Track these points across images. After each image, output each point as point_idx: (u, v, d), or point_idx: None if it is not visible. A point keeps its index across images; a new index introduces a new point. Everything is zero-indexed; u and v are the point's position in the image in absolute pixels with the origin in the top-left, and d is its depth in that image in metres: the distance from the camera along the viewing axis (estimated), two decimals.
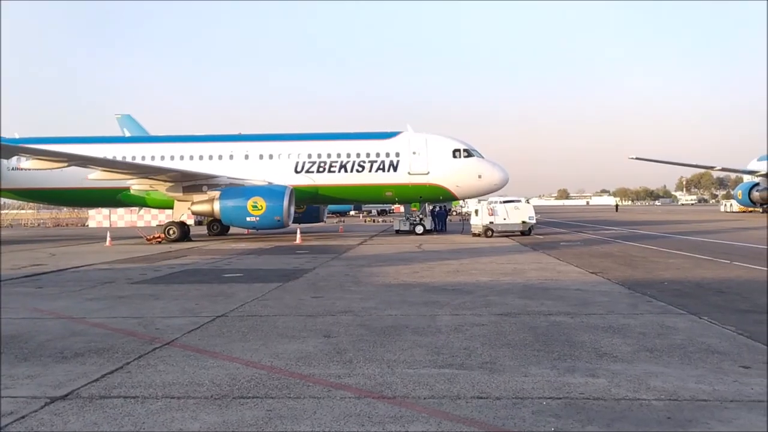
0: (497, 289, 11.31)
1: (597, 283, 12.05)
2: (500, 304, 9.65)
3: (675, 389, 5.16)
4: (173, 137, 32.96)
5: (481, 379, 5.54)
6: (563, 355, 6.37)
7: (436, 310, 9.18)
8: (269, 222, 26.84)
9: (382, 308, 9.45)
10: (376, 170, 30.07)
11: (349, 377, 5.71)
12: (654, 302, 9.67)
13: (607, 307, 9.25)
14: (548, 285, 11.85)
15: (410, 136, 30.78)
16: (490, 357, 6.35)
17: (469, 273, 14.03)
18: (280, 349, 6.84)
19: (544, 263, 16.05)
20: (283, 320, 8.60)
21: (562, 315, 8.66)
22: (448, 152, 29.97)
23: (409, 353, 6.58)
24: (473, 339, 7.21)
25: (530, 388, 5.28)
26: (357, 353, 6.60)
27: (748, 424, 4.37)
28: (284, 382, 5.59)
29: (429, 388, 5.33)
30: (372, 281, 12.87)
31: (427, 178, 29.78)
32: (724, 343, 6.80)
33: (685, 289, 10.99)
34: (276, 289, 11.74)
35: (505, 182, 30.83)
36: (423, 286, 11.99)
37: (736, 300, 9.74)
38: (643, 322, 8.10)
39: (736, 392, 5.06)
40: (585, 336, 7.29)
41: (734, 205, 67.11)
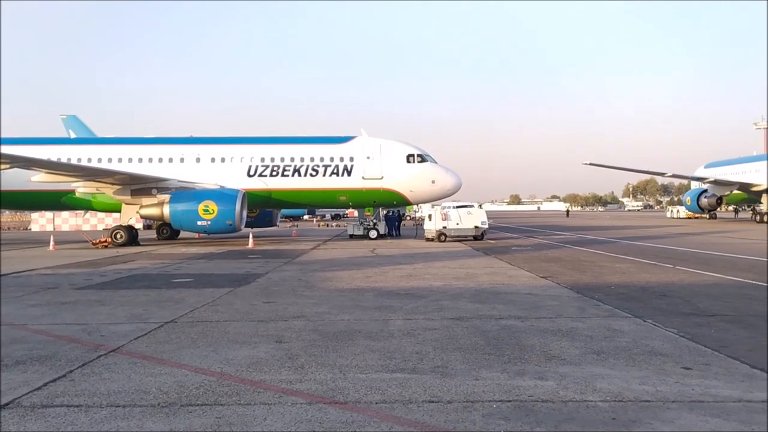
0: (450, 294, 11.40)
1: (547, 288, 12.26)
2: (452, 309, 9.73)
3: (620, 390, 5.29)
4: (121, 139, 32.24)
5: (433, 383, 5.57)
6: (513, 359, 6.45)
7: (389, 315, 9.20)
8: (221, 226, 26.45)
9: (335, 313, 9.41)
10: (330, 174, 30.03)
11: (301, 383, 5.66)
12: (601, 306, 9.90)
13: (557, 311, 9.43)
14: (500, 289, 12.00)
15: (364, 140, 30.85)
16: (441, 361, 6.39)
17: (422, 277, 14.11)
18: (230, 355, 6.73)
19: (496, 268, 16.26)
20: (234, 326, 8.47)
21: (513, 319, 8.78)
22: (402, 157, 30.16)
23: (361, 358, 6.56)
24: (425, 343, 7.24)
25: (481, 391, 5.33)
26: (309, 358, 6.56)
27: (689, 424, 4.50)
28: (234, 388, 5.51)
29: (381, 392, 5.33)
30: (325, 286, 12.81)
31: (381, 183, 29.88)
32: (667, 346, 7.01)
33: (630, 293, 11.28)
34: (227, 294, 11.57)
35: (458, 187, 31.20)
36: (376, 290, 12.00)
37: (679, 303, 10.05)
38: (591, 325, 8.27)
39: (678, 393, 5.22)
40: (535, 339, 7.40)
41: (681, 211, 69.41)
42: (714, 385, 5.41)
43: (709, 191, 53.87)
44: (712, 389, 5.30)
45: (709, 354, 6.59)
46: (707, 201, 54.01)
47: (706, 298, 10.48)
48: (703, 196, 54.44)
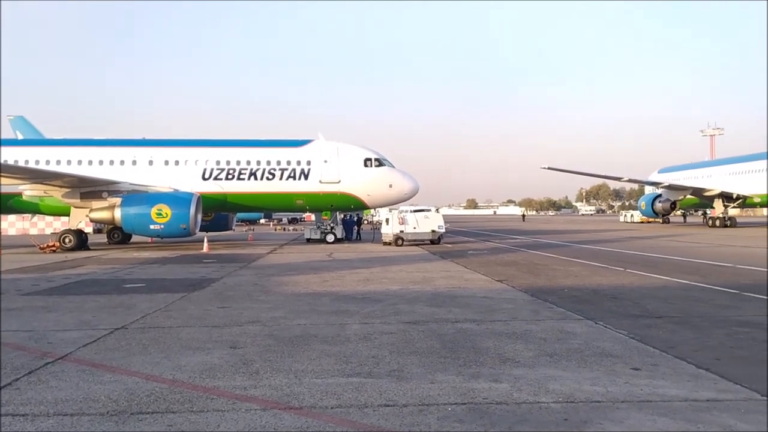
0: (406, 298, 11.44)
1: (502, 291, 12.41)
2: (409, 312, 9.76)
3: (572, 392, 5.39)
4: (71, 141, 31.35)
5: (389, 387, 5.57)
6: (469, 362, 6.51)
7: (345, 319, 9.17)
8: (175, 230, 25.99)
9: (291, 318, 9.34)
10: (286, 178, 29.84)
11: (255, 389, 5.59)
12: (554, 308, 10.07)
13: (511, 314, 9.55)
14: (456, 293, 12.10)
15: (322, 144, 30.76)
16: (398, 365, 6.40)
17: (379, 281, 14.12)
18: (183, 362, 6.61)
19: (453, 271, 16.39)
20: (187, 331, 8.33)
21: (469, 322, 8.86)
22: (360, 161, 30.18)
23: (317, 363, 6.53)
24: (382, 347, 7.25)
25: (436, 394, 5.35)
26: (264, 364, 6.49)
27: (637, 423, 4.61)
28: (186, 395, 5.40)
29: (336, 397, 5.31)
30: (281, 290, 12.70)
31: (339, 187, 29.84)
32: (617, 347, 7.17)
33: (583, 296, 11.51)
34: (180, 300, 11.36)
35: (416, 192, 31.37)
36: (333, 295, 11.95)
37: (629, 305, 10.29)
38: (544, 327, 8.41)
39: (627, 393, 5.34)
40: (490, 342, 7.48)
41: (635, 215, 71.16)
42: (661, 385, 5.56)
43: (663, 196, 55.34)
44: (659, 389, 5.44)
45: (657, 355, 6.76)
46: (661, 205, 55.51)
47: (654, 300, 10.77)
48: (658, 200, 55.92)
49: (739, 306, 10.08)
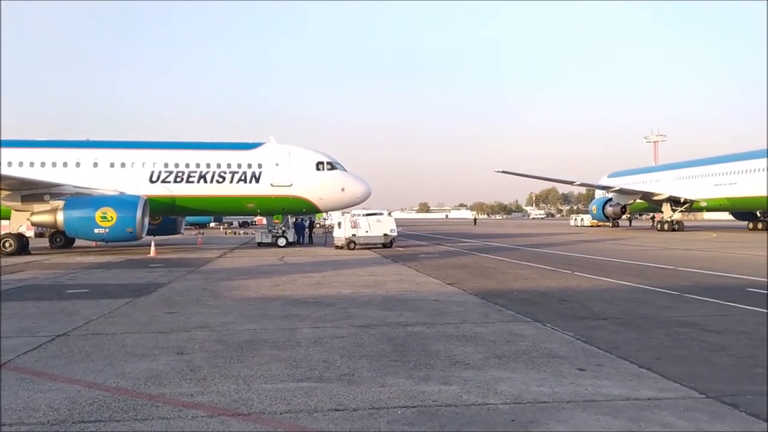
0: (358, 301, 11.43)
1: (453, 294, 12.53)
2: (360, 316, 9.75)
3: (519, 393, 5.47)
4: (12, 142, 30.21)
5: (339, 391, 5.55)
6: (419, 365, 6.54)
7: (296, 324, 9.10)
8: (120, 234, 25.35)
9: (241, 322, 9.22)
10: (237, 181, 29.48)
11: (203, 395, 5.49)
12: (504, 311, 10.21)
13: (462, 317, 9.64)
14: (407, 296, 12.15)
15: (273, 147, 30.52)
16: (348, 369, 6.39)
17: (331, 285, 14.07)
18: (127, 369, 6.44)
19: (404, 275, 16.46)
20: (132, 338, 8.12)
21: (420, 325, 8.91)
22: (312, 164, 30.05)
23: (266, 368, 6.46)
24: (332, 351, 7.22)
25: (386, 398, 5.36)
26: (212, 370, 6.38)
27: (582, 422, 4.72)
28: (131, 403, 5.27)
29: (286, 402, 5.26)
30: (231, 295, 12.52)
31: (290, 190, 29.64)
32: (564, 348, 7.32)
33: (532, 298, 11.72)
34: (126, 305, 11.08)
35: (368, 195, 31.42)
36: (284, 299, 11.85)
37: (576, 308, 10.52)
38: (494, 330, 8.52)
39: (573, 393, 5.46)
40: (440, 345, 7.54)
41: (586, 219, 72.77)
42: (605, 385, 5.70)
43: (614, 200, 56.79)
44: (603, 389, 5.58)
45: (602, 355, 6.93)
46: (612, 209, 56.96)
47: (600, 302, 11.04)
48: (609, 204, 57.34)
49: (680, 307, 10.42)
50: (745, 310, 9.92)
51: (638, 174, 61.36)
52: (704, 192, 48.85)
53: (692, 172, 51.40)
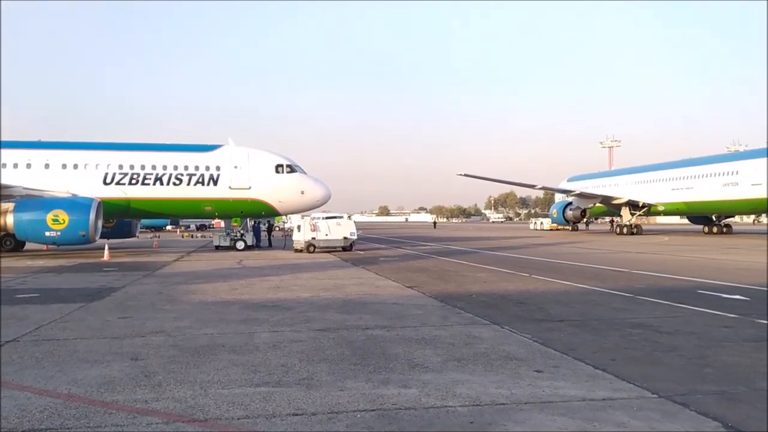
0: (317, 305, 11.36)
1: (412, 297, 12.56)
2: (320, 320, 9.70)
3: (478, 395, 5.51)
4: None
5: (298, 396, 5.50)
6: (378, 368, 6.53)
7: (254, 328, 9.00)
8: (73, 237, 24.71)
9: (198, 327, 9.07)
10: (195, 184, 29.07)
11: (158, 402, 5.38)
12: (463, 314, 10.28)
13: (421, 320, 9.67)
14: (367, 300, 12.14)
15: (232, 149, 30.19)
16: (307, 373, 6.34)
17: (290, 289, 13.96)
18: (79, 375, 6.27)
19: (364, 278, 16.44)
20: (84, 343, 7.91)
21: (379, 329, 8.90)
22: (271, 167, 29.83)
23: (224, 373, 6.36)
24: (291, 355, 7.16)
25: (346, 401, 5.34)
26: (167, 375, 6.25)
27: (539, 423, 4.78)
28: (83, 410, 5.12)
29: (244, 407, 5.18)
30: (187, 299, 12.32)
31: (249, 193, 29.36)
32: (522, 350, 7.41)
33: (490, 301, 11.83)
34: (78, 310, 10.79)
35: (328, 198, 31.33)
36: (242, 303, 11.71)
37: (533, 310, 10.67)
38: (453, 333, 8.57)
39: (530, 395, 5.52)
40: (399, 348, 7.54)
41: (545, 223, 73.66)
42: (562, 386, 5.78)
43: (574, 204, 57.41)
44: (560, 390, 5.66)
45: (558, 357, 7.04)
46: (572, 213, 57.65)
47: (557, 305, 11.21)
48: (569, 208, 57.99)
49: (633, 309, 10.65)
50: (694, 312, 10.20)
51: (597, 178, 62.45)
52: (662, 196, 49.84)
53: (650, 176, 52.42)
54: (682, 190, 48.02)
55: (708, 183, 45.53)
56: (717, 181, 44.53)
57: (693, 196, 47.11)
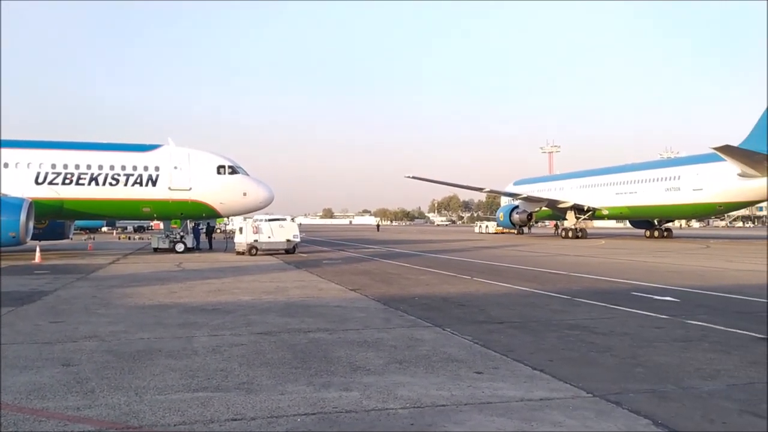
0: (259, 308, 11.22)
1: (355, 300, 12.55)
2: (261, 323, 9.58)
3: (419, 397, 5.54)
4: None
5: (237, 400, 5.41)
6: (320, 371, 6.49)
7: (193, 332, 8.81)
8: (2, 239, 23.67)
9: (133, 331, 8.81)
10: (132, 184, 28.28)
11: (90, 408, 5.19)
12: (405, 316, 10.33)
13: (364, 323, 9.67)
14: (309, 302, 12.06)
15: (171, 149, 29.53)
16: (247, 377, 6.24)
17: (231, 292, 13.74)
18: (8, 382, 5.99)
19: (307, 281, 16.33)
20: (13, 349, 7.57)
21: (322, 332, 8.85)
22: (212, 168, 29.31)
23: (160, 378, 6.19)
24: (231, 360, 7.04)
25: (286, 405, 5.28)
26: (101, 381, 6.04)
27: (478, 424, 4.84)
28: (11, 418, 4.90)
29: (180, 413, 5.06)
30: (123, 303, 11.96)
31: (189, 194, 28.77)
32: (462, 352, 7.49)
33: (432, 304, 11.93)
34: (7, 315, 10.33)
35: (271, 200, 31.01)
36: (180, 306, 11.45)
37: (475, 312, 10.81)
38: (395, 335, 8.60)
39: (470, 396, 5.59)
40: (342, 351, 7.52)
41: (491, 226, 74.49)
42: (501, 387, 5.87)
43: (520, 207, 57.96)
44: (499, 391, 5.75)
45: (498, 358, 7.15)
46: (518, 217, 58.27)
47: (497, 307, 11.40)
48: (515, 212, 58.55)
49: (570, 311, 10.93)
50: (628, 313, 10.54)
51: (543, 182, 63.25)
52: (606, 200, 50.54)
53: (595, 180, 53.21)
54: (626, 195, 48.84)
55: (651, 188, 46.49)
56: (660, 186, 45.55)
57: (636, 200, 47.96)
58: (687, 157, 47.25)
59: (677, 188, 44.17)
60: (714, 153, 37.44)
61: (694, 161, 44.31)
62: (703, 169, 42.21)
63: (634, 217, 53.25)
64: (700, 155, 43.40)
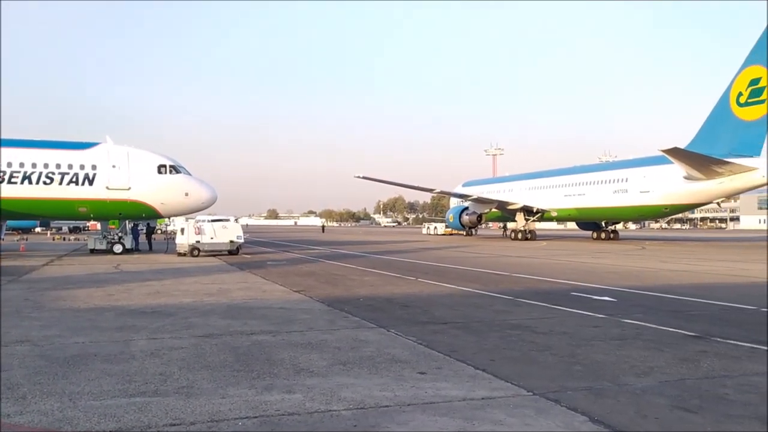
0: (200, 310, 11.00)
1: (300, 301, 12.46)
2: (202, 326, 9.39)
3: (362, 398, 5.54)
4: None
5: (176, 405, 5.28)
6: (263, 374, 6.41)
7: (131, 335, 8.57)
8: None
9: (68, 336, 8.51)
10: (68, 183, 27.33)
11: (22, 415, 4.99)
12: (350, 318, 10.32)
13: (308, 324, 9.60)
14: (253, 304, 11.90)
15: (110, 148, 28.68)
16: (187, 381, 6.10)
17: (171, 294, 13.43)
18: None
19: (250, 283, 16.12)
20: None
21: (265, 334, 8.75)
22: (153, 167, 28.62)
23: (96, 383, 5.99)
24: (170, 363, 6.87)
25: (227, 409, 5.18)
26: (33, 387, 5.81)
27: (421, 424, 4.86)
28: None
29: (116, 419, 4.91)
30: (57, 306, 11.54)
31: (128, 194, 27.99)
32: (406, 353, 7.53)
33: (377, 305, 11.95)
34: None
35: (214, 200, 30.49)
36: (118, 309, 11.13)
37: (418, 313, 10.88)
38: (339, 336, 8.57)
39: (413, 396, 5.61)
40: (285, 353, 7.44)
41: (439, 227, 74.71)
42: (444, 387, 5.92)
43: (470, 208, 58.09)
44: (442, 391, 5.79)
45: (441, 359, 7.21)
46: (468, 218, 58.43)
47: (441, 307, 11.50)
48: (465, 213, 58.66)
49: (513, 311, 11.13)
50: (568, 313, 10.81)
51: (492, 183, 63.61)
52: (555, 202, 50.95)
53: (544, 182, 53.54)
54: (575, 197, 49.35)
55: (599, 190, 47.09)
56: (608, 188, 46.22)
57: (584, 202, 48.52)
58: (635, 160, 47.87)
59: (625, 190, 44.84)
60: (662, 156, 38.06)
61: (642, 164, 44.96)
62: (651, 172, 42.91)
63: (583, 218, 53.62)
64: (648, 158, 44.14)
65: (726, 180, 37.59)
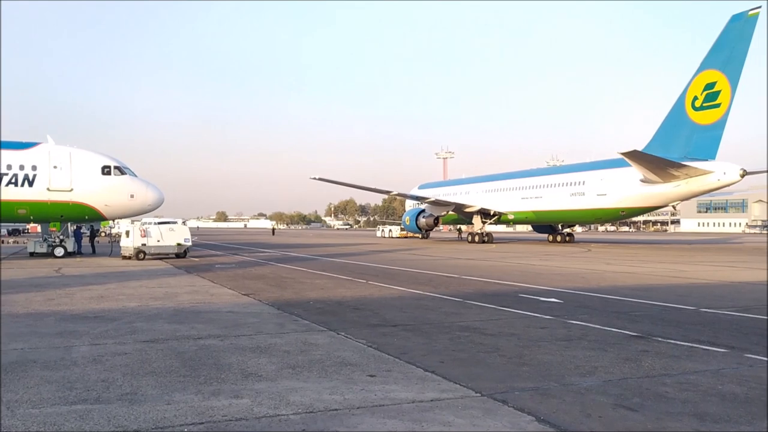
0: (145, 315, 10.75)
1: (249, 305, 12.30)
2: (147, 331, 9.17)
3: (312, 402, 5.50)
4: None
5: (119, 412, 5.14)
6: (210, 379, 6.29)
7: (72, 341, 8.30)
8: None
9: (5, 342, 8.19)
10: (6, 184, 26.37)
11: None
12: (300, 321, 10.24)
13: (257, 328, 9.49)
14: (200, 308, 11.69)
15: (51, 148, 27.76)
16: (131, 387, 5.95)
17: (115, 299, 13.08)
18: None
19: (198, 286, 15.83)
20: None
21: (213, 338, 8.61)
22: (97, 168, 27.84)
23: (35, 391, 5.78)
24: (114, 369, 6.68)
25: (172, 416, 5.07)
26: None
27: (370, 427, 4.85)
28: None
29: (56, 427, 4.75)
30: None
31: (71, 196, 27.16)
32: (356, 356, 7.51)
33: (327, 308, 11.90)
34: None
35: (160, 203, 29.86)
36: (59, 314, 10.77)
37: (369, 315, 10.88)
38: (289, 340, 8.49)
39: (363, 399, 5.60)
40: (233, 358, 7.33)
41: (394, 230, 74.45)
42: (393, 389, 5.93)
43: (427, 211, 57.77)
44: (391, 393, 5.80)
45: (391, 361, 7.23)
46: (425, 221, 58.02)
47: (391, 310, 11.53)
48: (422, 215, 58.24)
49: (462, 313, 11.24)
50: (516, 314, 10.99)
51: (449, 186, 63.57)
52: (512, 205, 51.08)
53: (501, 185, 53.64)
54: (532, 200, 49.53)
55: (556, 193, 47.23)
56: (565, 190, 46.38)
57: (541, 205, 48.72)
58: (593, 162, 48.24)
59: (582, 193, 45.00)
60: (620, 158, 38.26)
61: (600, 166, 45.31)
62: (608, 175, 43.22)
63: (539, 221, 53.56)
64: (606, 160, 44.64)
65: (682, 183, 38.28)
